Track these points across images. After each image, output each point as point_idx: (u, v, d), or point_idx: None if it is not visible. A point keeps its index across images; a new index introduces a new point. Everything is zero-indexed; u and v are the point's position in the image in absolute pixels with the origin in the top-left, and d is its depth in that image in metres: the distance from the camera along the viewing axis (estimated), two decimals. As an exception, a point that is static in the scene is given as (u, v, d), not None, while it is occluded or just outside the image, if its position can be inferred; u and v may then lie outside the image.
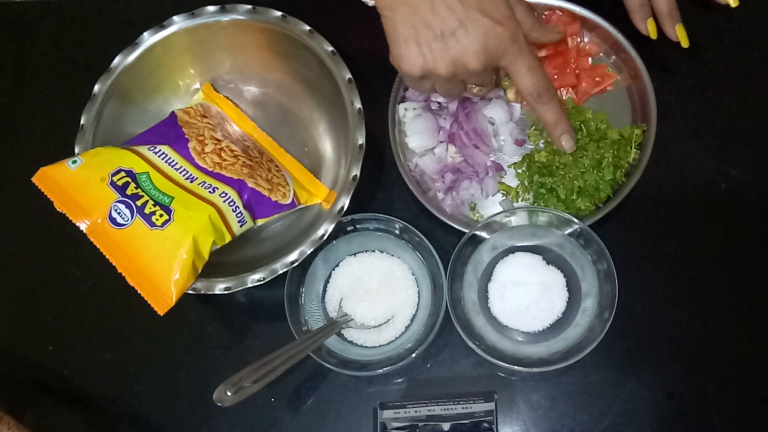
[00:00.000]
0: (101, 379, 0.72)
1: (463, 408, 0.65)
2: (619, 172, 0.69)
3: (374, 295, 0.69)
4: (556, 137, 0.65)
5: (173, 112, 0.71)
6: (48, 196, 0.61)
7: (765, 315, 0.68)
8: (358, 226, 0.69)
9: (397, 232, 0.69)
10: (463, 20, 0.57)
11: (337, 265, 0.71)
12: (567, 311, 0.67)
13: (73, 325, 0.73)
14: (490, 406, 0.65)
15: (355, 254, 0.71)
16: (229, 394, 0.56)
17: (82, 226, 0.61)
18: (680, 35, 0.68)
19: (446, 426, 0.64)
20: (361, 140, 0.65)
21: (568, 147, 0.65)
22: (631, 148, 0.69)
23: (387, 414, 0.65)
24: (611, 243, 0.64)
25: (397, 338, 0.69)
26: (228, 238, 0.64)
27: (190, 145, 0.67)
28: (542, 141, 0.72)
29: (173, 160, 0.66)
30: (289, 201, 0.68)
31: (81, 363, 0.72)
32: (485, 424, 0.64)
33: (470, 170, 0.71)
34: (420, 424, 0.64)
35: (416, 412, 0.65)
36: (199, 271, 0.61)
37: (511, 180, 0.72)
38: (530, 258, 0.68)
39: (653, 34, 0.69)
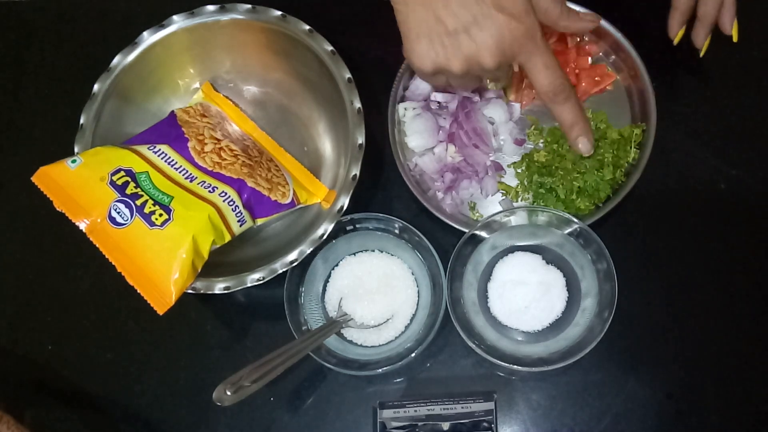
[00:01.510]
0: (101, 378, 0.72)
1: (462, 407, 0.65)
2: (619, 172, 0.69)
3: (374, 294, 0.69)
4: (573, 138, 0.63)
5: (173, 111, 0.71)
6: (47, 196, 0.61)
7: (765, 315, 0.68)
8: (357, 226, 0.69)
9: (396, 231, 0.69)
10: (477, 16, 0.55)
11: (337, 265, 0.71)
12: (566, 311, 0.67)
13: (73, 325, 0.73)
14: (490, 405, 0.65)
15: (354, 254, 0.71)
16: (228, 393, 0.56)
17: (82, 226, 0.60)
18: (705, 45, 0.70)
19: (446, 425, 0.64)
20: (361, 140, 0.65)
21: (585, 150, 0.63)
22: (630, 147, 0.69)
23: (386, 413, 0.65)
24: (611, 242, 0.64)
25: (396, 338, 0.69)
26: (227, 238, 0.64)
27: (189, 144, 0.67)
28: (541, 140, 0.72)
29: (173, 160, 0.66)
30: (288, 200, 0.68)
31: (80, 362, 0.72)
32: (485, 424, 0.64)
33: (470, 170, 0.71)
34: (419, 423, 0.64)
35: (416, 411, 0.65)
36: (199, 271, 0.61)
37: (511, 179, 0.72)
38: (530, 258, 0.68)
39: (676, 41, 0.70)
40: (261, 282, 0.63)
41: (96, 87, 0.69)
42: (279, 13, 0.69)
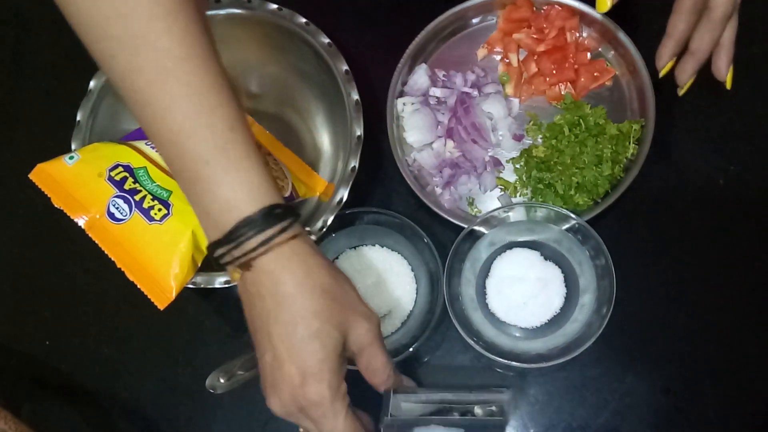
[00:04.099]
0: (99, 374, 0.71)
1: (476, 397, 0.63)
2: (618, 168, 0.69)
3: (372, 289, 0.69)
4: None
5: (170, 106, 0.71)
6: (45, 192, 0.61)
7: (763, 311, 0.68)
8: (357, 220, 0.68)
9: (396, 226, 0.68)
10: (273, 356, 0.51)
11: (336, 258, 0.71)
12: (565, 307, 0.67)
13: (71, 320, 0.73)
14: (505, 397, 0.62)
15: (354, 247, 0.71)
16: (221, 381, 0.57)
17: (81, 222, 0.60)
18: (687, 85, 0.64)
19: (457, 414, 0.63)
20: (359, 132, 0.65)
21: None
22: (629, 143, 0.69)
23: (398, 399, 0.64)
24: (609, 238, 0.64)
25: (393, 333, 0.68)
26: (226, 233, 0.64)
27: (187, 139, 0.67)
28: (540, 136, 0.72)
29: (171, 155, 0.65)
30: (287, 194, 0.68)
31: (78, 358, 0.72)
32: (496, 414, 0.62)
33: (468, 165, 0.71)
34: (432, 408, 0.62)
35: (427, 398, 0.62)
36: (199, 265, 0.61)
37: (510, 175, 0.72)
38: (528, 254, 0.68)
39: (662, 73, 0.64)
40: (260, 277, 0.62)
41: (92, 84, 0.69)
42: (275, 6, 0.69)
